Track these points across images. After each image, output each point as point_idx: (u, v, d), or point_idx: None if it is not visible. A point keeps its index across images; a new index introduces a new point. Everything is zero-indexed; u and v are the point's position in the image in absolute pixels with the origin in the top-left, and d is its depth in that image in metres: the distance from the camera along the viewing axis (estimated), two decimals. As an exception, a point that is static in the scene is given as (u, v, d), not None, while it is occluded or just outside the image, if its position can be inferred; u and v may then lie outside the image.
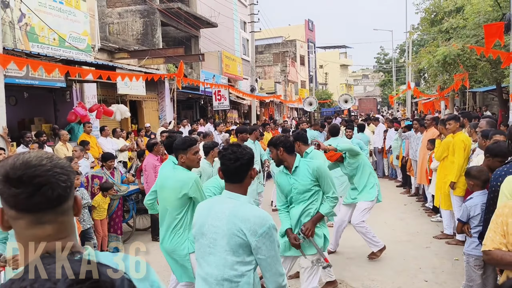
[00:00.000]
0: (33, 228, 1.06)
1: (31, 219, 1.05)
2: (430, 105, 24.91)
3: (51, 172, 1.05)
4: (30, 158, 1.06)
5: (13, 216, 1.06)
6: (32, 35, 9.19)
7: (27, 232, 1.07)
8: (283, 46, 35.74)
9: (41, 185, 1.03)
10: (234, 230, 2.17)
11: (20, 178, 1.02)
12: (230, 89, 18.11)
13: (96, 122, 10.62)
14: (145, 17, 15.74)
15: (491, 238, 2.42)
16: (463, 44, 12.90)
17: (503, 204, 2.51)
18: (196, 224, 2.34)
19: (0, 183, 1.04)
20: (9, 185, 1.03)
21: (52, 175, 1.05)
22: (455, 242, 5.95)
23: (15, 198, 1.03)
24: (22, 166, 1.04)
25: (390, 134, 11.63)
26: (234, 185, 2.32)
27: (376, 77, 63.60)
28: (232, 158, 2.28)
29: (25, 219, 1.06)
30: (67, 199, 1.10)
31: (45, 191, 1.04)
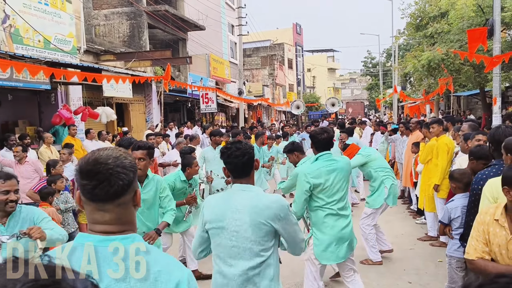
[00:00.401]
0: (95, 214, 1.30)
1: (94, 206, 1.30)
2: (416, 108, 25.22)
3: (112, 170, 1.27)
4: (100, 156, 1.29)
5: (84, 200, 1.31)
6: (17, 37, 9.08)
7: (91, 216, 1.32)
8: (271, 49, 35.87)
9: (101, 180, 1.26)
10: (259, 220, 2.26)
11: (88, 172, 1.26)
12: (217, 92, 18.11)
13: (81, 125, 10.52)
14: (131, 19, 15.66)
15: (473, 246, 2.41)
16: (447, 49, 13.10)
17: (485, 211, 2.51)
18: (212, 220, 2.36)
19: (76, 173, 1.32)
20: (81, 177, 1.28)
21: (112, 173, 1.27)
22: (439, 244, 6.02)
23: (83, 187, 1.28)
24: (92, 162, 1.28)
25: (377, 137, 11.72)
26: (243, 179, 2.40)
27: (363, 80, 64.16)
28: (239, 155, 2.35)
29: (90, 205, 1.30)
30: (125, 194, 1.30)
31: (104, 186, 1.26)
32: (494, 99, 10.38)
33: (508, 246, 2.31)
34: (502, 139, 3.11)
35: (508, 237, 2.31)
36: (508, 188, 2.31)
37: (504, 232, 2.33)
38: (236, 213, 2.29)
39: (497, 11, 9.91)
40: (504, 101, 14.06)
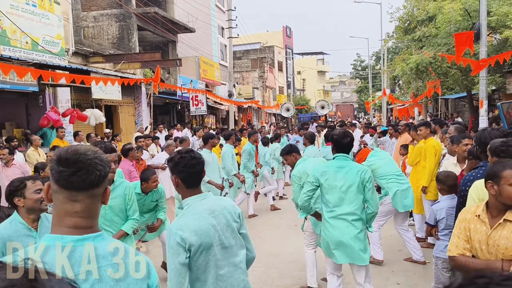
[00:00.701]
0: (66, 204, 1.34)
1: (66, 195, 1.34)
2: (405, 111, 25.46)
3: (91, 161, 1.34)
4: (80, 148, 1.38)
5: (55, 190, 1.35)
6: (4, 38, 8.98)
7: (61, 207, 1.35)
8: (261, 52, 35.94)
9: (80, 168, 1.32)
10: (231, 220, 2.34)
11: (67, 160, 1.33)
12: (207, 94, 18.07)
13: (70, 127, 10.44)
14: (121, 21, 15.59)
15: (455, 243, 2.46)
16: (435, 52, 13.25)
17: (466, 209, 2.57)
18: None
19: (52, 162, 1.36)
20: (58, 164, 1.33)
21: (91, 163, 1.34)
22: (427, 245, 6.08)
23: (60, 174, 1.33)
24: (71, 152, 1.34)
25: (365, 140, 11.80)
26: (196, 188, 2.36)
27: (353, 83, 64.64)
28: (195, 164, 2.31)
29: (62, 194, 1.34)
30: (99, 185, 1.37)
31: (82, 174, 1.32)
32: (481, 102, 10.53)
33: (488, 241, 2.35)
34: (488, 141, 3.17)
35: (488, 231, 2.35)
36: (492, 183, 2.36)
37: (484, 227, 2.38)
38: (217, 218, 2.29)
39: (483, 15, 10.07)
40: (491, 104, 14.26)
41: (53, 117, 9.13)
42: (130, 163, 6.62)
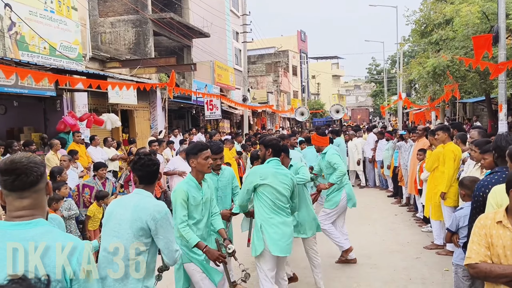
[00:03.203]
0: (15, 202, 1.69)
1: (14, 196, 1.69)
2: (421, 115, 25.14)
3: (27, 166, 1.67)
4: (15, 157, 1.70)
5: (5, 193, 1.69)
6: (22, 44, 9.15)
7: (11, 205, 1.69)
8: (275, 56, 35.96)
9: (19, 174, 1.65)
10: (136, 217, 2.66)
11: (7, 169, 1.66)
12: (222, 98, 18.12)
13: (87, 131, 10.55)
14: (137, 26, 15.76)
15: (476, 250, 2.36)
16: (452, 56, 13.05)
17: (485, 216, 2.48)
18: (106, 213, 2.87)
19: None
20: (1, 174, 1.67)
21: (27, 168, 1.66)
22: (446, 253, 5.94)
23: (5, 182, 1.67)
24: (9, 162, 1.67)
25: (381, 145, 11.67)
26: (148, 186, 2.84)
27: (368, 87, 64.16)
28: (151, 164, 2.82)
29: (11, 195, 1.69)
30: (38, 183, 1.71)
31: (22, 178, 1.66)
32: (500, 106, 10.30)
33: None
34: (505, 147, 3.09)
35: None
36: None
37: (508, 232, 2.30)
38: (123, 209, 2.72)
39: (502, 18, 9.87)
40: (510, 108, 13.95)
41: (70, 122, 9.23)
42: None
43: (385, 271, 5.47)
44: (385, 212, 8.97)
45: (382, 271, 5.49)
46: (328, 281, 5.11)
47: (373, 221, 8.21)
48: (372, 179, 12.52)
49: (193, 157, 3.59)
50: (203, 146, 3.67)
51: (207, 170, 3.63)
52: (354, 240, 6.90)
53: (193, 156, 3.59)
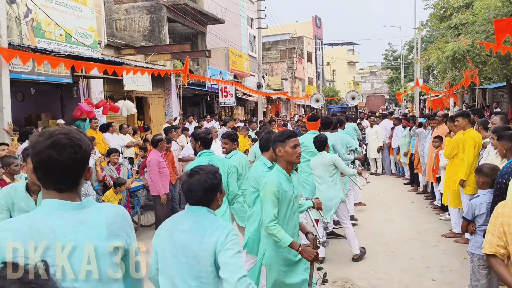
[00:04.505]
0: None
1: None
2: (439, 102, 24.69)
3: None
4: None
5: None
6: (38, 31, 9.19)
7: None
8: (290, 42, 35.60)
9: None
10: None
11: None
12: (236, 85, 18.05)
13: (103, 118, 10.62)
14: (152, 13, 15.71)
15: (489, 241, 2.39)
16: (473, 40, 12.71)
17: (503, 204, 2.45)
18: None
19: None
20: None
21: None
22: (464, 241, 5.85)
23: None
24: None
25: (397, 131, 11.51)
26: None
27: (384, 74, 63.23)
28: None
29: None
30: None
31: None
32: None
33: None
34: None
35: None
36: None
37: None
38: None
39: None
40: (532, 94, 13.60)
41: (86, 109, 9.29)
42: (159, 153, 6.67)
43: (402, 259, 5.41)
44: (402, 200, 8.88)
45: (399, 259, 5.44)
46: (344, 268, 5.09)
47: (389, 208, 8.13)
48: (388, 166, 12.38)
49: (280, 145, 3.23)
50: (291, 133, 3.31)
51: (296, 160, 3.28)
52: (371, 228, 6.85)
53: (280, 143, 3.24)
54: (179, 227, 2.24)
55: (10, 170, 4.34)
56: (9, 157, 4.60)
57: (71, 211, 1.51)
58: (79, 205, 1.54)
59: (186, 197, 2.29)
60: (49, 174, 1.50)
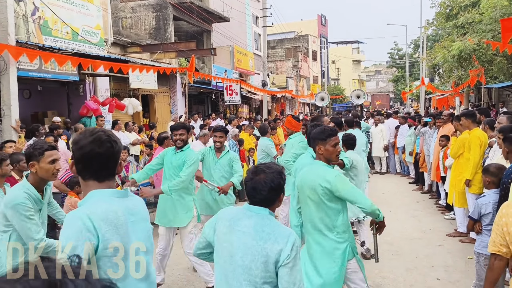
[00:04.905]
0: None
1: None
2: (444, 101, 24.60)
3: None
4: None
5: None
6: (45, 29, 9.25)
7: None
8: (295, 41, 35.56)
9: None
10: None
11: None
12: (241, 83, 18.06)
13: (109, 116, 10.67)
14: (157, 11, 15.75)
15: (493, 239, 2.44)
16: (479, 39, 12.67)
17: (507, 204, 2.50)
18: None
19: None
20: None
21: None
22: (469, 240, 5.85)
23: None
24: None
25: (402, 130, 11.49)
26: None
27: (389, 72, 63.03)
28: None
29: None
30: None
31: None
32: (529, 91, 9.99)
33: None
34: None
35: None
36: None
37: None
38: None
39: (534, -1, 9.50)
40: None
41: (92, 106, 9.34)
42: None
43: (407, 258, 5.42)
44: (407, 199, 8.87)
45: (404, 258, 5.44)
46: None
47: (394, 207, 8.13)
48: (392, 165, 12.36)
49: (321, 143, 3.16)
50: (332, 131, 3.23)
51: (335, 158, 3.23)
52: (375, 227, 6.85)
53: (321, 142, 3.16)
54: (239, 226, 2.16)
55: (19, 167, 4.38)
56: (18, 154, 4.64)
57: (122, 198, 1.79)
58: (125, 193, 1.82)
59: (250, 195, 2.20)
60: (91, 165, 1.74)
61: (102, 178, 1.76)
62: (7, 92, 6.94)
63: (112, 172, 1.79)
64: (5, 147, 5.76)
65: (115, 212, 1.69)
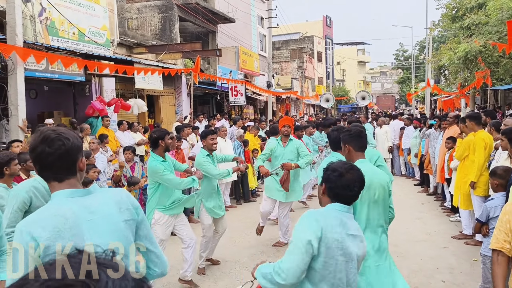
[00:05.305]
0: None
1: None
2: (450, 103, 24.51)
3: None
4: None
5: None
6: (52, 29, 9.31)
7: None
8: (300, 42, 35.54)
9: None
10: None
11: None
12: (246, 84, 18.08)
13: (114, 116, 10.72)
14: (163, 12, 15.81)
15: (496, 236, 2.48)
16: (485, 41, 12.62)
17: (510, 202, 2.53)
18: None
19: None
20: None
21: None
22: (474, 243, 5.84)
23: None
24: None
25: (408, 132, 11.46)
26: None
27: (394, 74, 62.84)
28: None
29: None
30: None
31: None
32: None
33: None
34: None
35: None
36: None
37: None
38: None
39: (541, 1, 9.46)
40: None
41: (98, 107, 9.39)
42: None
43: (412, 260, 5.41)
44: (412, 201, 8.85)
45: (408, 260, 5.44)
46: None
47: (399, 209, 8.07)
48: (397, 167, 12.33)
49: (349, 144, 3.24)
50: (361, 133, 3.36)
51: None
52: (380, 228, 6.84)
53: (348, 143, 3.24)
54: (347, 230, 2.11)
55: (26, 166, 4.43)
56: (25, 153, 4.68)
57: (82, 197, 1.73)
58: (87, 191, 1.76)
59: (342, 195, 2.16)
60: (46, 165, 1.70)
61: (61, 177, 1.72)
62: (14, 92, 6.98)
63: (71, 171, 1.74)
64: (12, 147, 5.81)
65: (62, 215, 1.64)
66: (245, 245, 6.30)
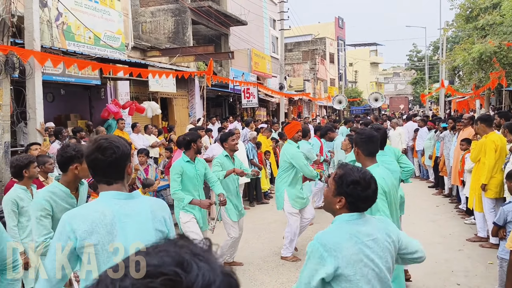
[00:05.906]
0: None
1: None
2: (465, 104, 24.21)
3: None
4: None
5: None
6: (69, 34, 9.48)
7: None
8: (312, 43, 35.48)
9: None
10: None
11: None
12: (259, 87, 18.13)
13: (129, 119, 10.87)
14: (176, 15, 15.96)
15: (510, 237, 2.45)
16: (500, 41, 12.48)
17: None
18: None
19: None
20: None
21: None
22: (489, 245, 5.79)
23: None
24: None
25: (422, 133, 11.38)
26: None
27: (407, 75, 62.33)
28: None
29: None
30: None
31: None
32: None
33: None
34: None
35: None
36: None
37: None
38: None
39: (557, 1, 9.33)
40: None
41: (113, 109, 9.54)
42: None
43: (427, 263, 5.33)
44: (426, 203, 8.79)
45: (423, 262, 5.36)
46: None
47: (413, 211, 8.06)
48: (411, 169, 12.24)
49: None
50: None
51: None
52: (394, 231, 6.82)
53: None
54: (364, 238, 2.06)
55: (45, 169, 4.53)
56: (43, 156, 4.79)
57: (124, 200, 1.92)
58: (129, 195, 1.95)
59: (362, 207, 2.14)
60: (98, 171, 1.93)
61: (111, 181, 1.93)
62: (32, 96, 7.13)
63: (120, 176, 1.95)
64: (30, 149, 5.93)
65: (102, 212, 1.85)
66: (259, 247, 6.34)
